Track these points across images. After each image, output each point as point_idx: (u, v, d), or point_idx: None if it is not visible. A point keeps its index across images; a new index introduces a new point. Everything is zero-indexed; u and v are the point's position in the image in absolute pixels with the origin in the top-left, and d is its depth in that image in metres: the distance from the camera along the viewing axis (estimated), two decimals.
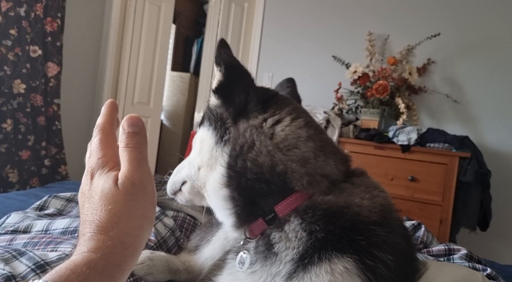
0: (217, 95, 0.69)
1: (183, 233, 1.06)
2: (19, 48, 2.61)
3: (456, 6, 2.85)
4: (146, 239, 0.47)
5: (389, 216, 0.60)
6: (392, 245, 0.57)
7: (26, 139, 2.69)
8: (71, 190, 1.46)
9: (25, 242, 0.77)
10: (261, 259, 0.59)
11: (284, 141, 0.61)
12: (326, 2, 3.18)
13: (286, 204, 0.59)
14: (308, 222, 0.57)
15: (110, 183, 0.44)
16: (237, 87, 0.66)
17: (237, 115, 0.65)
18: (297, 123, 0.64)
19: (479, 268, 0.96)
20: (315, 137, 0.63)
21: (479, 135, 2.73)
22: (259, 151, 0.61)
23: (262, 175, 0.60)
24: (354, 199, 0.59)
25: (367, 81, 2.77)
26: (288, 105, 0.67)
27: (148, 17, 3.51)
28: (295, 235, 0.57)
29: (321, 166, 0.61)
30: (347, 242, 0.54)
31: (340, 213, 0.57)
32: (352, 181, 0.63)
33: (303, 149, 0.61)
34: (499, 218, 2.56)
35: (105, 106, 0.50)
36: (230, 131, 0.65)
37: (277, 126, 0.63)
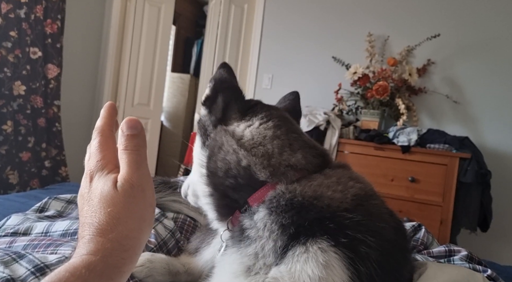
0: (204, 106, 0.76)
1: (183, 235, 1.06)
2: (19, 50, 2.62)
3: (456, 7, 2.85)
4: (145, 241, 0.47)
5: (365, 203, 0.61)
6: (370, 226, 0.56)
7: (26, 141, 2.69)
8: (71, 192, 1.46)
9: (25, 244, 0.77)
10: (235, 243, 0.62)
11: (250, 140, 0.67)
12: (326, 3, 3.18)
13: (257, 195, 0.63)
14: (275, 212, 0.58)
15: (109, 185, 0.44)
16: (220, 98, 0.74)
17: (217, 122, 0.73)
18: (265, 126, 0.69)
19: (480, 269, 0.95)
20: (283, 137, 0.68)
21: (479, 136, 2.73)
22: (226, 151, 0.67)
23: (230, 171, 0.65)
24: (325, 191, 0.60)
25: (367, 82, 2.77)
26: (263, 113, 0.72)
27: (148, 18, 3.51)
28: (264, 224, 0.59)
29: (286, 158, 0.64)
30: (317, 229, 0.55)
31: (309, 205, 0.58)
32: (324, 172, 0.65)
33: (268, 146, 0.66)
34: (500, 218, 2.56)
35: (104, 108, 0.50)
36: (211, 137, 0.72)
37: (246, 130, 0.69)
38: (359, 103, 2.90)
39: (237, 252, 0.60)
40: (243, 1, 3.54)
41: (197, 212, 1.16)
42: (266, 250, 0.57)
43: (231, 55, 3.54)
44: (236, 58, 3.56)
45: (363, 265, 0.53)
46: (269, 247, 0.57)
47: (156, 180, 1.18)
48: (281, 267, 0.54)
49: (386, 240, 0.57)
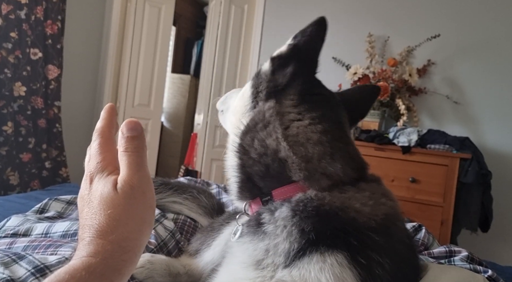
0: (271, 63, 0.69)
1: (184, 236, 1.06)
2: (19, 51, 2.62)
3: (456, 7, 2.84)
4: (145, 243, 0.47)
5: (392, 225, 0.59)
6: (389, 249, 0.56)
7: (26, 142, 2.69)
8: (71, 193, 1.46)
9: (25, 245, 0.77)
10: (250, 233, 0.61)
11: (294, 136, 0.63)
12: (326, 4, 3.18)
13: (283, 190, 0.61)
14: (298, 216, 0.57)
15: (109, 187, 0.44)
16: (291, 68, 0.66)
17: (272, 93, 0.67)
18: (313, 128, 0.64)
19: (480, 270, 0.95)
20: (326, 144, 0.63)
21: (480, 136, 2.73)
22: (269, 133, 0.63)
23: (264, 157, 0.63)
24: (353, 203, 0.58)
25: (367, 83, 2.76)
26: (318, 110, 0.67)
27: (148, 19, 3.51)
28: (283, 225, 0.57)
29: (323, 167, 0.61)
30: (339, 241, 0.54)
31: (333, 215, 0.57)
32: (357, 185, 0.63)
33: (309, 150, 0.62)
34: (500, 219, 2.56)
35: (104, 110, 0.50)
36: (259, 105, 0.67)
37: (295, 123, 0.64)
38: None
39: (249, 243, 0.60)
40: (243, 1, 3.54)
41: (198, 213, 1.16)
42: (279, 250, 0.56)
43: (231, 56, 3.54)
44: (236, 58, 3.56)
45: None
46: (282, 248, 0.56)
47: (157, 181, 1.18)
48: (293, 271, 0.54)
49: (401, 261, 0.58)
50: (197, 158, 3.53)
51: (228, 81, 3.55)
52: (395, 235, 0.59)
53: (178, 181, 1.43)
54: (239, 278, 0.58)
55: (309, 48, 0.67)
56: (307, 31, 0.67)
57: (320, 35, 0.68)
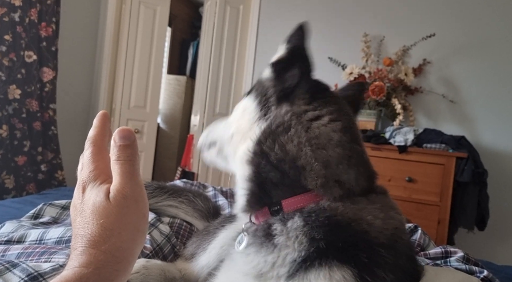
0: (272, 68, 0.69)
1: (180, 240, 1.05)
2: (13, 53, 2.61)
3: (451, 7, 2.85)
4: (139, 252, 0.46)
5: (399, 240, 0.59)
6: (395, 266, 0.56)
7: (22, 145, 2.68)
8: (67, 197, 1.45)
9: (19, 252, 0.77)
10: (257, 244, 0.60)
11: (316, 138, 0.61)
12: (321, 4, 3.18)
13: (294, 200, 0.60)
14: (310, 226, 0.56)
15: (101, 196, 0.43)
16: (294, 69, 0.67)
17: (283, 96, 0.66)
18: (334, 126, 0.63)
19: (476, 271, 0.95)
20: (346, 146, 0.62)
21: (476, 135, 2.74)
22: (290, 138, 0.61)
23: (282, 163, 0.61)
24: (366, 215, 0.58)
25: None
26: (333, 105, 0.66)
27: (144, 20, 3.50)
28: (296, 235, 0.56)
29: (339, 173, 0.60)
30: (349, 255, 0.54)
31: (346, 226, 0.56)
32: (369, 197, 0.61)
33: (329, 152, 0.60)
34: (497, 217, 2.57)
35: (97, 118, 0.50)
36: (272, 110, 0.66)
37: (314, 122, 0.63)
38: None
39: (255, 254, 0.59)
40: (239, 2, 3.53)
41: (193, 216, 1.16)
42: (286, 261, 0.56)
43: (227, 57, 3.54)
44: (232, 59, 3.56)
45: None
46: (290, 258, 0.55)
47: (152, 185, 1.18)
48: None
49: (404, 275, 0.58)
50: (194, 159, 3.52)
51: (224, 81, 3.54)
52: (401, 250, 0.59)
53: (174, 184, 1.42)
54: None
55: (305, 48, 0.67)
56: (297, 34, 0.68)
57: (306, 36, 0.68)
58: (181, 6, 5.05)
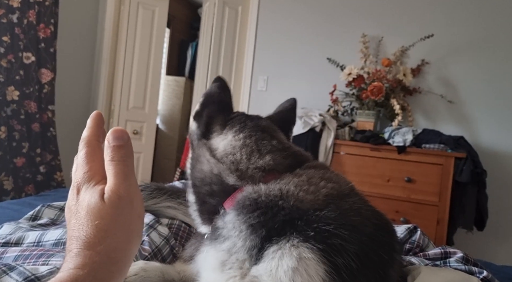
0: (194, 120, 0.82)
1: (179, 241, 1.05)
2: (12, 55, 2.60)
3: (449, 7, 2.86)
4: (135, 253, 0.46)
5: (336, 202, 0.60)
6: (344, 221, 0.56)
7: (20, 147, 2.68)
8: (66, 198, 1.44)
9: (16, 255, 0.76)
10: (212, 241, 0.66)
11: (222, 151, 0.73)
12: (320, 5, 3.18)
13: (230, 199, 0.67)
14: (242, 213, 0.61)
15: (96, 197, 0.43)
16: (205, 113, 0.80)
17: (201, 136, 0.79)
18: (237, 138, 0.74)
19: (475, 271, 0.95)
20: (252, 145, 0.72)
21: (474, 135, 2.74)
22: (202, 162, 0.73)
23: (205, 179, 0.71)
24: (293, 190, 0.61)
25: (362, 83, 2.77)
26: (238, 125, 0.77)
27: (142, 21, 3.50)
28: (232, 225, 0.62)
29: (254, 162, 0.69)
30: (288, 228, 0.57)
31: (275, 205, 0.60)
32: (294, 172, 0.67)
33: (236, 155, 0.70)
34: (496, 217, 2.57)
35: (91, 118, 0.50)
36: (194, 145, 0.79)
37: (221, 142, 0.75)
38: (354, 104, 2.91)
39: (212, 249, 0.65)
40: (237, 3, 3.53)
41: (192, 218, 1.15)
42: (237, 247, 0.60)
43: (225, 57, 3.54)
44: (231, 60, 3.56)
45: (340, 257, 0.53)
46: (239, 245, 0.60)
47: (150, 186, 1.17)
48: (259, 266, 0.57)
49: (365, 235, 0.56)
50: None
51: None
52: (345, 209, 0.59)
53: (172, 185, 1.42)
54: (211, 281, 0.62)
55: (213, 94, 0.80)
56: (209, 88, 0.82)
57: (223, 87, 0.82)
58: (180, 7, 5.05)
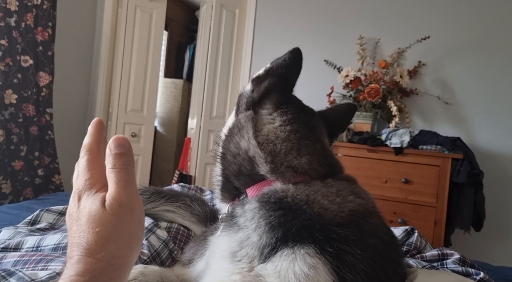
0: (251, 83, 0.78)
1: (177, 245, 1.06)
2: (10, 58, 2.60)
3: (445, 9, 2.87)
4: (135, 259, 0.47)
5: (360, 221, 0.60)
6: (358, 241, 0.57)
7: (18, 150, 2.67)
8: (64, 202, 1.45)
9: (15, 260, 0.77)
10: (227, 227, 0.65)
11: (264, 135, 0.70)
12: (317, 7, 3.19)
13: (255, 187, 0.66)
14: (264, 207, 0.61)
15: (97, 205, 0.44)
16: (265, 83, 0.76)
17: (250, 105, 0.75)
18: (283, 129, 0.71)
19: (472, 273, 0.96)
20: (294, 141, 0.70)
21: (471, 136, 2.75)
22: (242, 136, 0.71)
23: (237, 157, 0.70)
24: (319, 198, 0.61)
25: (359, 85, 2.78)
26: (290, 115, 0.74)
27: (140, 24, 3.50)
28: (252, 216, 0.61)
29: (289, 160, 0.67)
30: (306, 236, 0.56)
31: (298, 209, 0.59)
32: (325, 181, 0.66)
33: (277, 146, 0.69)
34: (493, 218, 2.58)
35: (92, 125, 0.50)
36: (238, 117, 0.76)
37: (266, 125, 0.72)
38: None
39: (225, 236, 0.64)
40: (235, 5, 3.54)
41: (191, 221, 1.16)
42: (250, 241, 0.59)
43: (223, 60, 3.54)
44: (228, 62, 3.57)
45: (350, 273, 0.54)
46: (253, 240, 0.59)
47: (149, 190, 1.18)
48: (267, 265, 0.56)
49: (377, 254, 0.58)
50: (191, 162, 3.52)
51: (220, 85, 3.55)
52: (364, 229, 0.60)
53: (171, 188, 1.42)
54: (219, 270, 0.61)
55: (283, 69, 0.75)
56: (282, 57, 0.76)
57: (295, 62, 0.76)
58: (177, 9, 5.05)
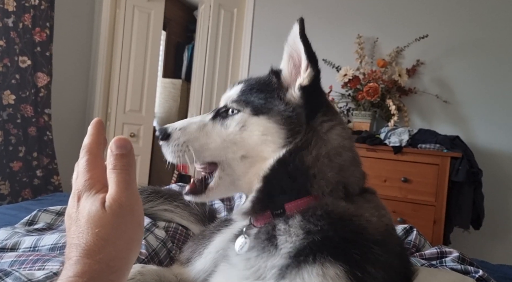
0: (302, 92, 0.69)
1: (176, 244, 1.05)
2: (7, 59, 2.60)
3: (443, 8, 2.87)
4: (134, 261, 0.47)
5: (390, 236, 0.65)
6: (385, 262, 0.59)
7: (17, 151, 2.67)
8: (62, 202, 1.44)
9: (12, 260, 0.76)
10: (259, 248, 0.62)
11: (333, 148, 0.66)
12: (315, 6, 3.19)
13: (297, 203, 0.63)
14: (307, 220, 0.60)
15: (97, 206, 0.44)
16: (320, 93, 0.71)
17: (309, 116, 0.68)
18: (345, 134, 0.69)
19: (471, 270, 0.96)
20: (353, 149, 0.69)
21: (470, 135, 2.75)
22: (310, 151, 0.64)
23: (297, 172, 0.64)
24: (364, 212, 0.63)
25: (358, 84, 2.78)
26: (337, 113, 0.72)
27: (138, 24, 3.50)
28: (295, 230, 0.60)
29: (348, 176, 0.66)
30: (343, 252, 0.57)
31: (348, 220, 0.60)
32: (364, 196, 0.68)
33: (344, 157, 0.66)
34: (492, 216, 2.58)
35: (92, 125, 0.50)
36: (301, 131, 0.66)
37: (331, 133, 0.68)
38: (350, 105, 2.91)
39: (256, 258, 0.61)
40: (233, 5, 3.54)
41: (189, 220, 1.16)
42: (283, 253, 0.59)
43: (222, 59, 3.54)
44: (227, 62, 3.56)
45: None
46: (286, 251, 0.59)
47: (147, 190, 1.17)
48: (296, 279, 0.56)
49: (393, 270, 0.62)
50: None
51: (219, 84, 3.55)
52: (392, 247, 0.63)
53: (169, 188, 1.42)
54: None
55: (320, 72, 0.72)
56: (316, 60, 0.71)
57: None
58: (176, 9, 5.05)
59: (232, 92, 0.73)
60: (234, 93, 0.73)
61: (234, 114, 0.69)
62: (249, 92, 0.71)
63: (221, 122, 0.70)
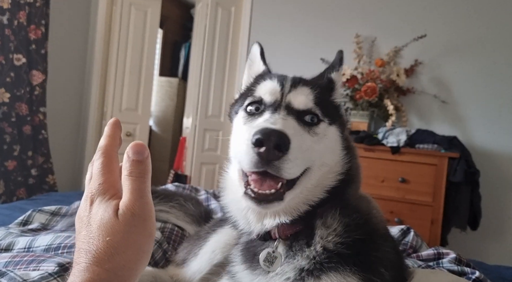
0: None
1: (171, 245, 1.04)
2: (2, 56, 2.57)
3: (442, 8, 2.87)
4: (141, 272, 0.46)
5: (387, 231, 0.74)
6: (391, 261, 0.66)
7: (11, 149, 2.64)
8: (57, 202, 1.43)
9: (7, 261, 0.75)
10: (290, 254, 0.64)
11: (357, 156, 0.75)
12: (313, 6, 3.18)
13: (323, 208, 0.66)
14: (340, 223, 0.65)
15: (110, 212, 0.43)
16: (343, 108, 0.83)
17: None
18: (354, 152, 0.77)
19: (468, 272, 0.96)
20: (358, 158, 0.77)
21: (467, 135, 2.75)
22: (354, 157, 0.73)
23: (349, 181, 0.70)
24: (372, 211, 0.71)
25: (356, 84, 2.77)
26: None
27: (134, 22, 3.48)
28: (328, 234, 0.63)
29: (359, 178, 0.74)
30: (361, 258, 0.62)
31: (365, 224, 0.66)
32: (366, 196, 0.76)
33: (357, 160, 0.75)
34: (489, 216, 2.58)
35: (109, 126, 0.49)
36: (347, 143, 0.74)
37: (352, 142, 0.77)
38: (348, 105, 2.91)
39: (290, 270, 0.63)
40: (230, 4, 3.52)
41: (185, 221, 1.15)
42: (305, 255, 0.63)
43: (219, 58, 3.53)
44: (224, 61, 3.55)
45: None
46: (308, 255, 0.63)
47: None
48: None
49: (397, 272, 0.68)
50: (187, 162, 3.50)
51: (216, 83, 3.53)
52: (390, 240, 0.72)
53: (165, 188, 1.41)
54: None
55: None
56: None
57: None
58: (173, 7, 5.02)
59: (307, 95, 0.69)
60: (310, 97, 0.69)
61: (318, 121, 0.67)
62: (322, 98, 0.70)
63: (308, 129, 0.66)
